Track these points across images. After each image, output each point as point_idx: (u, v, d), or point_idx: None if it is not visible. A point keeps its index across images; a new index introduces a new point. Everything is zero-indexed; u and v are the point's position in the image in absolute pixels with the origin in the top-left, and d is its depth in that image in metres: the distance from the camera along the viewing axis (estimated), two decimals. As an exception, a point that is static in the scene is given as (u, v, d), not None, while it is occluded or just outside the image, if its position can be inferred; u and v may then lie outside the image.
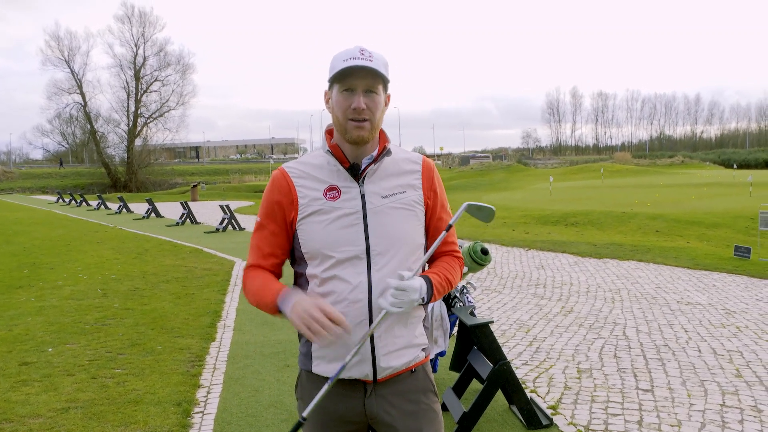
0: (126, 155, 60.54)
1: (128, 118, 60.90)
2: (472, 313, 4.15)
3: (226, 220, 17.40)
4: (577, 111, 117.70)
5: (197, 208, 27.09)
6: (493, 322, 4.27)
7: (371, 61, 1.71)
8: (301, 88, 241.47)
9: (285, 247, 1.86)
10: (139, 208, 28.08)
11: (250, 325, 6.52)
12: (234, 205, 28.23)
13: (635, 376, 4.84)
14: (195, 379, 4.85)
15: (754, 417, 4.02)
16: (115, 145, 62.76)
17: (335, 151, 1.79)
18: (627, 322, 6.45)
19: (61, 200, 37.18)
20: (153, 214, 23.33)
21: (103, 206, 29.51)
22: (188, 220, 20.03)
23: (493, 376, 3.79)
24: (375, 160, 1.80)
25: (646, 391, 4.52)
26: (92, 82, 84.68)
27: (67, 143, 72.07)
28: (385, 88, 1.79)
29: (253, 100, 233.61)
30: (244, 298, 7.85)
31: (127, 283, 9.07)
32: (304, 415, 1.72)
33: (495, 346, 3.85)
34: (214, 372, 5.06)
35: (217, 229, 17.26)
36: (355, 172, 1.79)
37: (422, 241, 1.87)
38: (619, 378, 4.80)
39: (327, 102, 1.83)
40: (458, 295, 4.34)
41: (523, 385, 4.57)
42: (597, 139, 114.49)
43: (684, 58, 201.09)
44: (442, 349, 4.27)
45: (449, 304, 4.35)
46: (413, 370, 1.85)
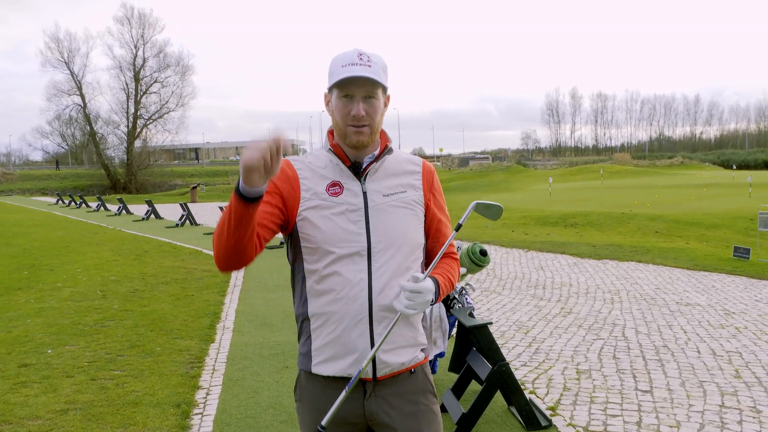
0: (125, 157, 60.56)
1: (128, 119, 61.01)
2: (471, 315, 4.16)
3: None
4: (577, 112, 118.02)
5: (197, 209, 27.09)
6: (491, 324, 4.27)
7: (370, 66, 1.71)
8: (301, 89, 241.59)
9: (272, 221, 1.73)
10: (139, 209, 28.09)
11: (249, 327, 6.52)
12: (233, 206, 28.17)
13: (634, 377, 4.84)
14: (194, 381, 4.86)
15: (753, 418, 4.02)
16: (115, 147, 62.86)
17: (337, 150, 1.80)
18: (626, 323, 6.45)
19: (60, 202, 37.20)
20: (152, 216, 23.34)
21: (102, 208, 29.52)
22: (188, 222, 20.03)
23: (492, 377, 3.79)
24: (377, 158, 1.81)
25: (645, 392, 4.52)
26: (92, 83, 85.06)
27: (67, 145, 72.12)
28: (384, 91, 1.80)
29: (253, 101, 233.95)
30: (244, 300, 7.93)
31: (126, 284, 9.08)
32: (324, 423, 1.71)
33: (494, 348, 3.86)
34: (213, 373, 5.06)
35: (217, 231, 17.25)
36: (357, 171, 1.80)
37: (422, 241, 1.87)
38: (618, 379, 4.80)
39: (327, 104, 1.83)
40: (457, 296, 4.34)
41: (523, 386, 4.57)
42: (596, 140, 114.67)
43: (683, 59, 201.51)
44: (441, 351, 4.28)
45: (448, 306, 4.35)
46: (412, 371, 1.85)
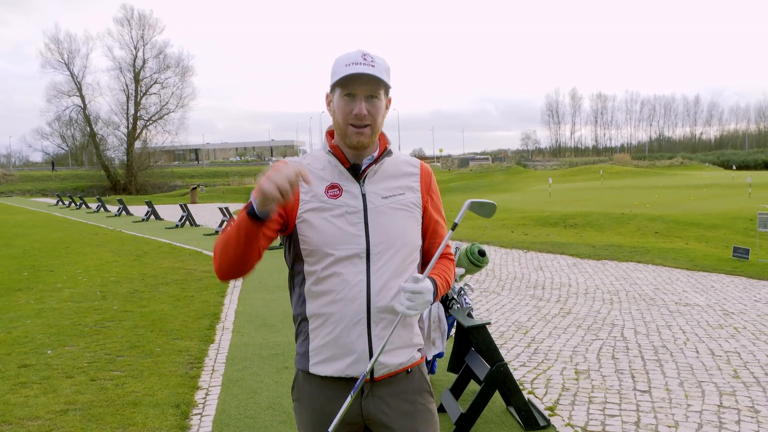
0: (125, 158, 60.58)
1: (128, 120, 61.03)
2: (470, 315, 4.17)
3: (226, 223, 17.35)
4: (577, 112, 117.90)
5: (196, 210, 27.12)
6: (490, 324, 4.28)
7: (373, 66, 1.72)
8: (301, 90, 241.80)
9: (271, 228, 1.71)
10: (139, 210, 28.08)
11: (248, 327, 6.53)
12: (233, 207, 28.23)
13: (633, 377, 4.85)
14: (193, 381, 4.86)
15: (751, 417, 4.03)
16: (115, 148, 62.87)
17: (336, 152, 1.81)
18: (625, 324, 6.46)
19: (60, 203, 37.19)
20: (152, 217, 23.34)
21: (102, 209, 29.51)
22: (188, 223, 20.04)
23: (491, 377, 3.80)
24: (376, 160, 1.82)
25: (644, 392, 4.53)
26: (92, 84, 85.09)
27: (67, 146, 72.21)
28: (387, 93, 1.80)
29: (253, 102, 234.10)
30: (244, 301, 7.94)
31: (126, 285, 9.08)
32: (330, 430, 1.71)
33: (492, 348, 3.87)
34: (212, 374, 5.07)
35: (217, 232, 17.27)
36: (356, 172, 1.80)
37: (419, 243, 1.88)
38: (616, 379, 4.81)
39: (328, 105, 1.83)
40: (456, 296, 4.35)
41: (522, 387, 4.58)
42: (596, 141, 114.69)
43: (683, 60, 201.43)
44: (439, 351, 4.28)
45: (447, 306, 4.36)
46: (409, 370, 1.86)
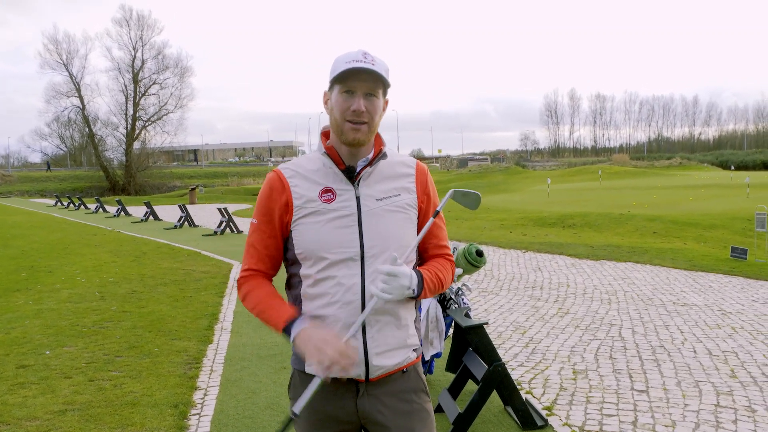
0: (124, 158, 60.55)
1: (126, 121, 60.98)
2: (467, 315, 4.17)
3: (224, 223, 17.40)
4: (575, 113, 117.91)
5: (195, 211, 27.12)
6: (487, 324, 4.29)
7: (373, 65, 1.72)
8: (300, 91, 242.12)
9: (280, 248, 1.86)
10: (138, 211, 28.06)
11: (247, 328, 6.53)
12: (232, 208, 28.24)
13: (630, 377, 4.86)
14: (192, 381, 4.87)
15: (748, 417, 4.04)
16: (114, 149, 62.82)
17: (331, 153, 1.81)
18: (623, 324, 6.47)
19: (59, 203, 37.17)
20: (151, 217, 23.32)
21: (101, 209, 29.49)
22: (186, 223, 20.04)
23: (488, 377, 3.81)
24: (370, 162, 1.81)
25: (641, 391, 4.54)
26: (90, 85, 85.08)
27: (66, 146, 72.15)
28: (385, 93, 1.81)
29: (252, 103, 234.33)
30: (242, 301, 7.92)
31: (124, 286, 9.08)
32: (296, 410, 1.69)
33: (490, 348, 3.87)
34: (211, 374, 5.07)
35: (215, 232, 17.27)
36: (351, 175, 1.80)
37: (416, 244, 1.88)
38: (614, 379, 4.82)
39: (326, 103, 1.84)
40: (453, 297, 4.36)
41: (519, 387, 4.59)
42: (595, 141, 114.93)
43: (682, 60, 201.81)
44: (437, 351, 4.30)
45: (445, 306, 4.37)
46: (405, 370, 1.86)
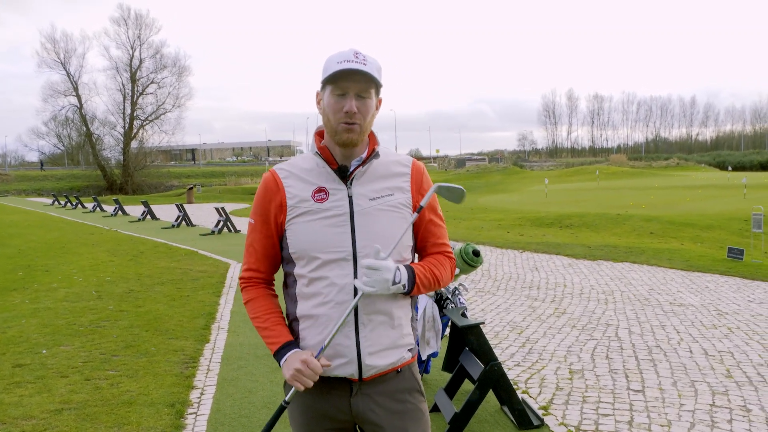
0: (122, 157, 60.42)
1: (124, 120, 60.87)
2: (464, 315, 4.18)
3: (222, 223, 17.38)
4: (573, 113, 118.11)
5: (193, 210, 27.07)
6: (484, 323, 4.29)
7: (365, 65, 1.72)
8: (298, 91, 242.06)
9: (277, 247, 1.88)
10: (135, 210, 28.03)
11: (244, 327, 6.53)
12: (230, 207, 28.22)
13: (626, 376, 4.87)
14: (189, 381, 4.87)
15: (743, 416, 4.06)
16: (111, 148, 62.65)
17: (324, 153, 1.81)
18: (620, 324, 6.49)
19: (56, 203, 37.09)
20: (148, 217, 23.29)
21: (98, 208, 29.43)
22: (184, 223, 20.01)
23: (484, 376, 3.82)
24: (363, 162, 1.81)
25: (637, 391, 4.55)
26: (88, 84, 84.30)
27: (63, 145, 72.04)
28: (377, 93, 1.80)
29: (250, 102, 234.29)
30: (239, 301, 7.93)
31: (121, 285, 9.07)
32: (287, 399, 1.75)
33: (486, 347, 3.88)
34: (207, 373, 5.07)
35: (213, 232, 17.25)
36: (344, 174, 1.80)
37: (410, 243, 1.88)
38: (610, 379, 4.83)
39: (318, 103, 1.84)
40: (450, 296, 4.37)
41: (516, 386, 4.60)
42: (593, 142, 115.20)
43: (679, 61, 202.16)
44: (434, 350, 4.30)
45: (441, 306, 4.38)
46: (399, 369, 1.86)
